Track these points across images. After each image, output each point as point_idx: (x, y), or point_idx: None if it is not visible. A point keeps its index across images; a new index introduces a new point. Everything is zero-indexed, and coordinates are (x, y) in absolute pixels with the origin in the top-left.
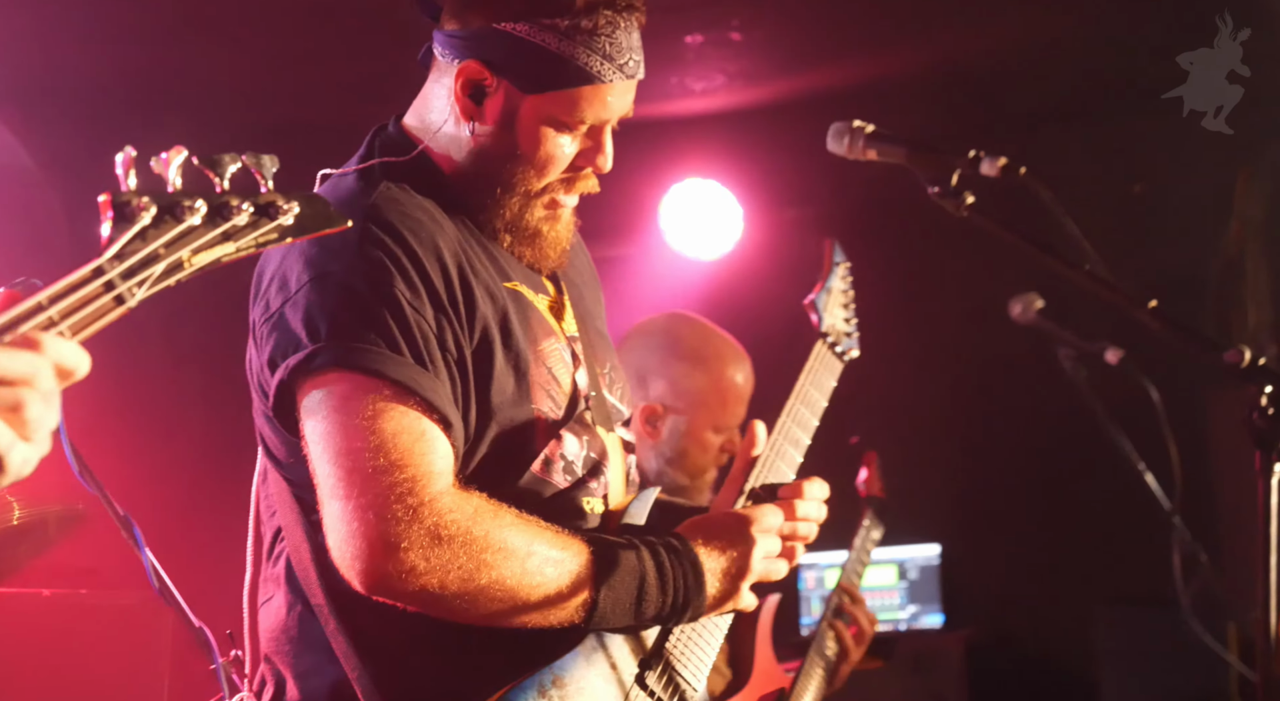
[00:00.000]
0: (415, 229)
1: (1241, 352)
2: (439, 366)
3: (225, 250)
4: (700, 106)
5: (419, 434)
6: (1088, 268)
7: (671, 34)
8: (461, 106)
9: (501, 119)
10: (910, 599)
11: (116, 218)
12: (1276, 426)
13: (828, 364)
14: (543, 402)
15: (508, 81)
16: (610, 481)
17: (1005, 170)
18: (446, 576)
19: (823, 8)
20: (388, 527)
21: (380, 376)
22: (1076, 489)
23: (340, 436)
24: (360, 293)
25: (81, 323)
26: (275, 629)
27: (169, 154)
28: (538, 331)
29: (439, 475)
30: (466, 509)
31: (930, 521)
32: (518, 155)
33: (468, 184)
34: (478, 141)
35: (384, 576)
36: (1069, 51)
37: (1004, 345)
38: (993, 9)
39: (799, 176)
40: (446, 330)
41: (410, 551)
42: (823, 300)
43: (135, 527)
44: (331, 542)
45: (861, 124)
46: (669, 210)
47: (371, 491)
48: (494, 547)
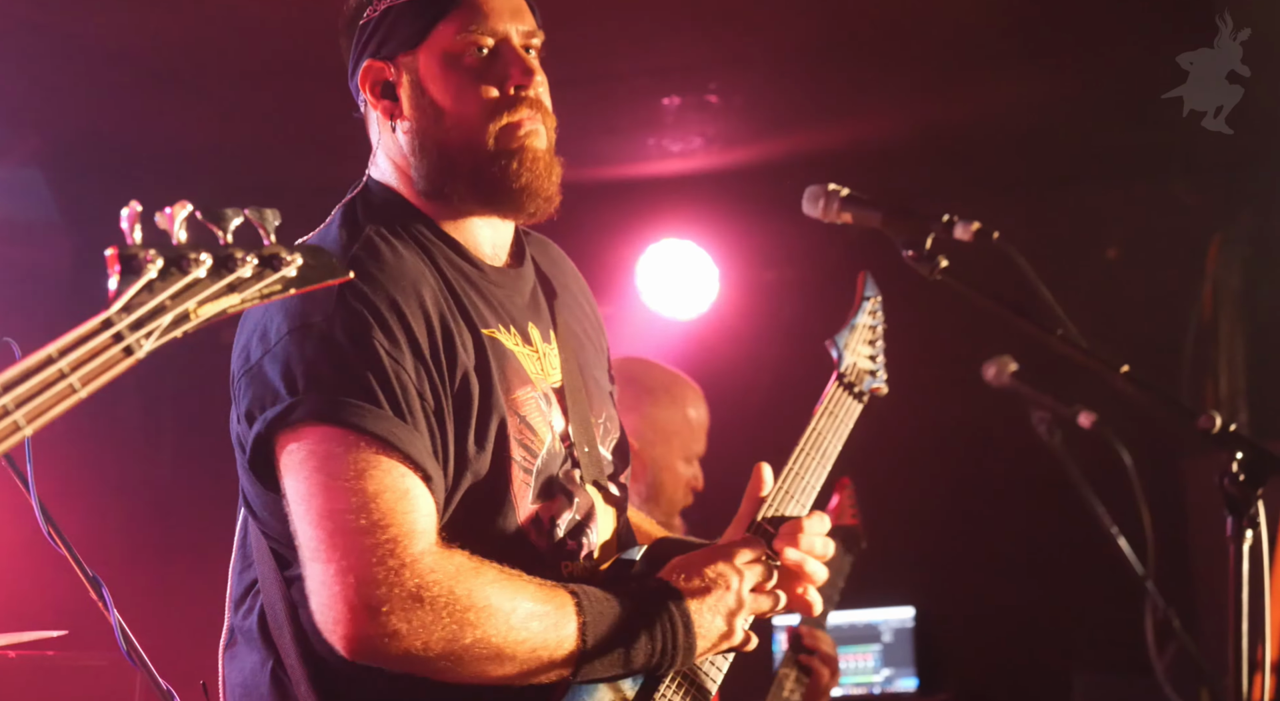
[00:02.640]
0: (397, 278)
1: (1213, 418)
2: (418, 418)
3: (230, 302)
4: (677, 168)
5: (402, 492)
6: (1060, 332)
7: (649, 96)
8: (382, 109)
9: (413, 94)
10: (885, 662)
11: (124, 270)
12: (1248, 492)
13: (843, 406)
14: (515, 451)
15: (398, 56)
16: (598, 541)
17: (979, 234)
18: (430, 637)
19: (798, 73)
20: (369, 591)
21: (360, 431)
22: (1051, 553)
23: (321, 497)
24: (340, 344)
25: (91, 374)
26: (244, 684)
27: (174, 208)
28: (513, 380)
29: (421, 534)
30: (449, 568)
31: (905, 584)
32: (440, 111)
33: (431, 188)
34: (410, 131)
35: (366, 639)
36: (1043, 118)
37: (978, 408)
38: (967, 76)
39: (775, 238)
40: (425, 381)
41: (393, 614)
42: (844, 337)
43: (104, 588)
44: (314, 605)
45: (836, 187)
46: (646, 270)
47: (353, 554)
48: (477, 606)
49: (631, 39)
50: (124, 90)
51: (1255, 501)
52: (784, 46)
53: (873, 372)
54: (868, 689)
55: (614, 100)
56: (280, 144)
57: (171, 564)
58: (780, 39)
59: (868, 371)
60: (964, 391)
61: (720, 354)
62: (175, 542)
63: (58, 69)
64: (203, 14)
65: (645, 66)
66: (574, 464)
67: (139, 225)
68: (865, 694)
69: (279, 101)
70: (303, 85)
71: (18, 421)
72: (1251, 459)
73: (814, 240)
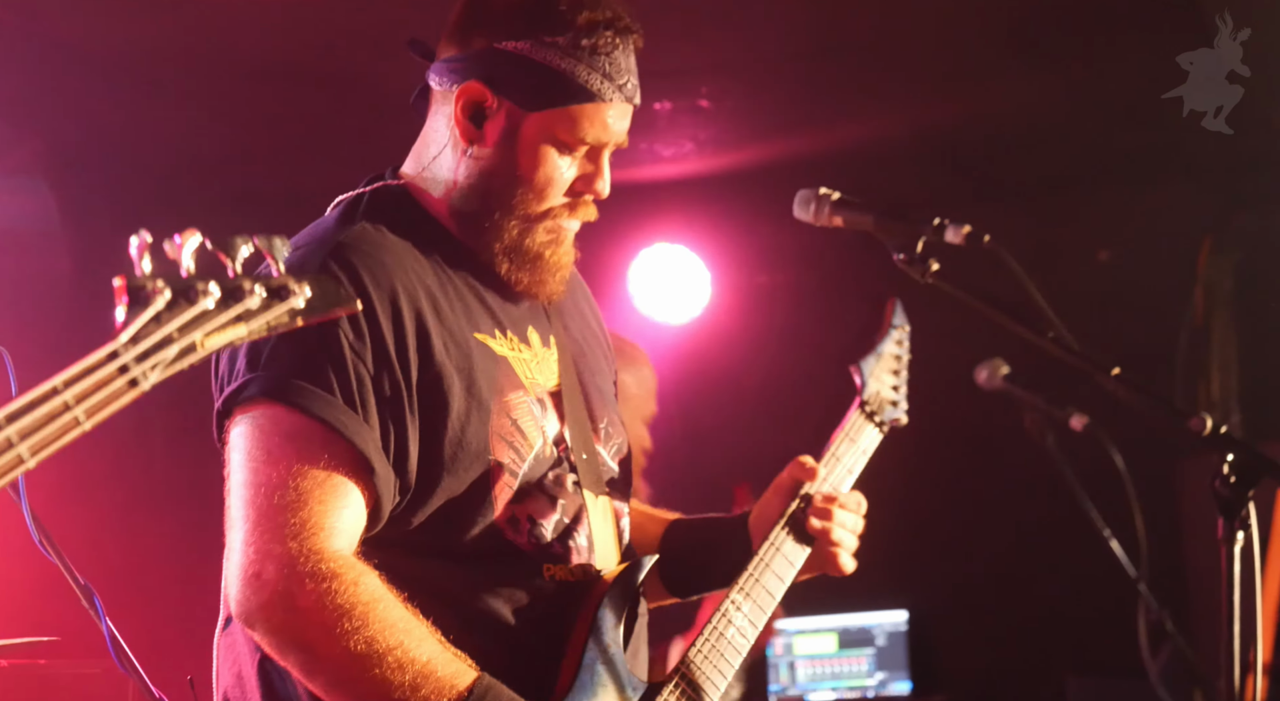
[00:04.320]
0: (375, 271)
1: (1205, 420)
2: (370, 412)
3: (238, 333)
4: (669, 172)
5: (329, 480)
6: (1052, 335)
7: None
8: (462, 129)
9: (502, 140)
10: (878, 666)
11: (131, 301)
12: (1239, 494)
13: (864, 433)
14: (502, 453)
15: (509, 100)
16: (596, 547)
17: (970, 238)
18: (302, 627)
19: (789, 77)
20: (264, 562)
21: (306, 413)
22: (1044, 555)
23: (250, 470)
24: (305, 330)
25: (96, 406)
26: (235, 673)
27: (182, 237)
28: (504, 383)
29: (335, 532)
30: (350, 574)
31: (898, 588)
32: (517, 176)
33: (463, 214)
34: (477, 164)
35: (246, 608)
36: (1035, 121)
37: (971, 412)
38: (958, 80)
39: (767, 242)
40: (385, 378)
41: (278, 593)
42: (869, 364)
43: (96, 597)
44: (225, 570)
45: (828, 191)
46: (638, 275)
47: (261, 526)
48: (356, 626)
49: None
50: (123, 96)
51: (1247, 503)
52: (775, 50)
53: (894, 403)
54: (861, 692)
55: None
56: (281, 149)
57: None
58: (771, 43)
59: (890, 401)
60: (956, 394)
61: (713, 358)
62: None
63: (57, 75)
64: (202, 18)
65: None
66: (570, 468)
67: (148, 254)
68: (859, 697)
69: (281, 106)
70: (305, 90)
71: (21, 454)
72: (1243, 461)
73: (806, 244)
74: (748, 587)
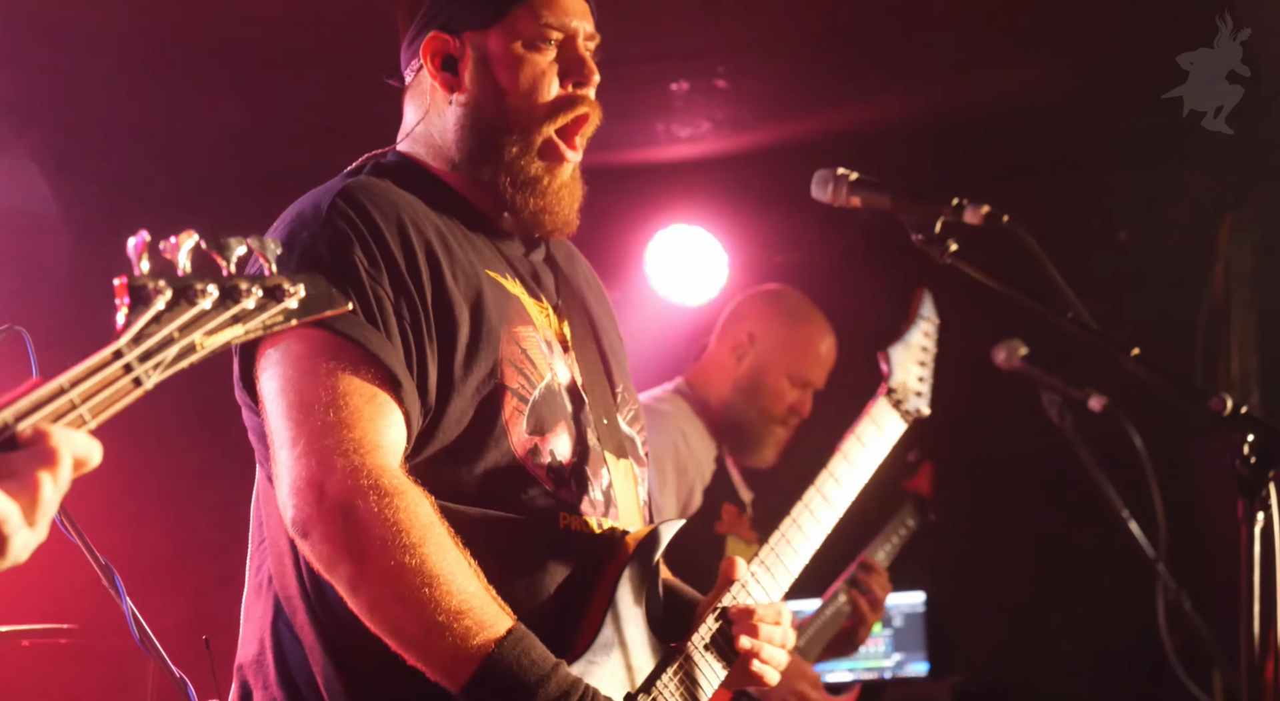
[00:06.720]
0: (382, 206)
1: (1224, 400)
2: (392, 330)
3: (235, 333)
4: (686, 153)
5: (370, 396)
6: (1071, 315)
7: (658, 81)
8: (441, 81)
9: (477, 71)
10: (895, 646)
11: (133, 301)
12: (1259, 474)
13: (890, 419)
14: (512, 379)
15: (468, 32)
16: (619, 509)
17: (989, 218)
18: (358, 536)
19: (807, 57)
20: (325, 475)
21: (335, 332)
22: (1063, 536)
23: (294, 391)
24: (321, 257)
25: (101, 405)
26: (257, 638)
27: (179, 238)
28: (513, 316)
29: (384, 448)
30: (411, 494)
31: (915, 568)
32: (503, 90)
33: (465, 163)
34: (465, 107)
35: (305, 517)
36: (1054, 100)
37: (988, 391)
38: (978, 60)
39: (785, 223)
40: (402, 301)
41: (339, 502)
42: (898, 353)
43: (116, 576)
44: (277, 490)
45: (846, 171)
46: (655, 256)
47: (317, 442)
48: (414, 541)
49: (639, 24)
50: (121, 79)
51: (1267, 483)
52: (792, 30)
53: (919, 393)
54: (879, 673)
55: (622, 85)
56: (279, 133)
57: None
58: (788, 23)
59: (915, 391)
60: (974, 374)
61: None
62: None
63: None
64: (201, 2)
65: (653, 51)
66: (592, 426)
67: (146, 253)
68: (876, 678)
69: (278, 91)
70: (303, 74)
71: None
72: (1263, 440)
73: (823, 225)
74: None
